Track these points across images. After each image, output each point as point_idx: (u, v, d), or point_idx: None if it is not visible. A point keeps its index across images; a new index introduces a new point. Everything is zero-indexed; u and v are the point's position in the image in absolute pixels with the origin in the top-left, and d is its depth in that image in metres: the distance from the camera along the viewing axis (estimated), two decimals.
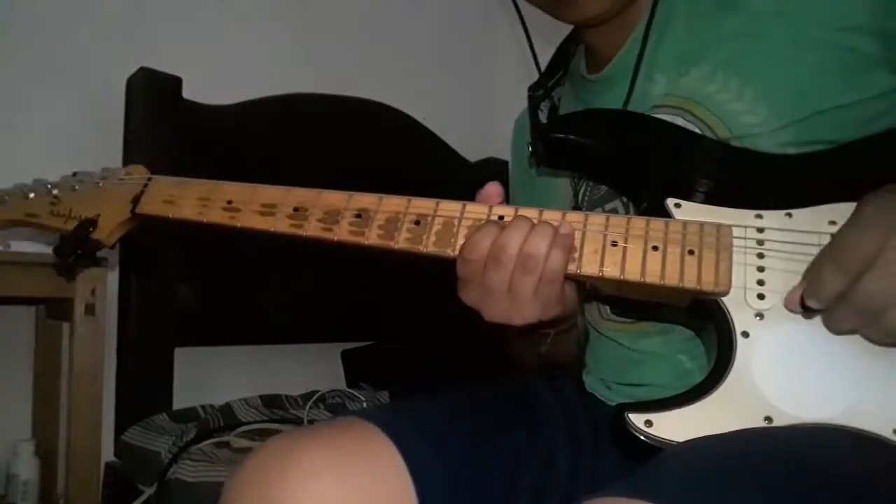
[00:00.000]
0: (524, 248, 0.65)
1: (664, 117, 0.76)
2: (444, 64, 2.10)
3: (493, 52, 2.19)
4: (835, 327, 0.61)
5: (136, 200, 0.80)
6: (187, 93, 1.57)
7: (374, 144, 1.82)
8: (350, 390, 1.56)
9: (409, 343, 1.72)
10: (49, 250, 1.35)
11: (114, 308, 1.49)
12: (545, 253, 0.64)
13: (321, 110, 1.78)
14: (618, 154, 0.74)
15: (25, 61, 1.51)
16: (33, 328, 1.52)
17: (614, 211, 0.82)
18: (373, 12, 1.98)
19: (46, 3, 1.55)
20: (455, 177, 1.93)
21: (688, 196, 0.69)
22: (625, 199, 0.81)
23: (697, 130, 0.75)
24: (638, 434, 0.61)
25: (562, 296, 0.68)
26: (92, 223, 0.79)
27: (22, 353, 1.51)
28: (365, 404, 1.48)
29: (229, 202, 0.76)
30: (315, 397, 1.48)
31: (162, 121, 1.52)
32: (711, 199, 0.69)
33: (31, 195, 0.83)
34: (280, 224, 0.73)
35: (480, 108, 2.10)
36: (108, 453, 1.42)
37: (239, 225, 0.74)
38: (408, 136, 1.90)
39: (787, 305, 0.63)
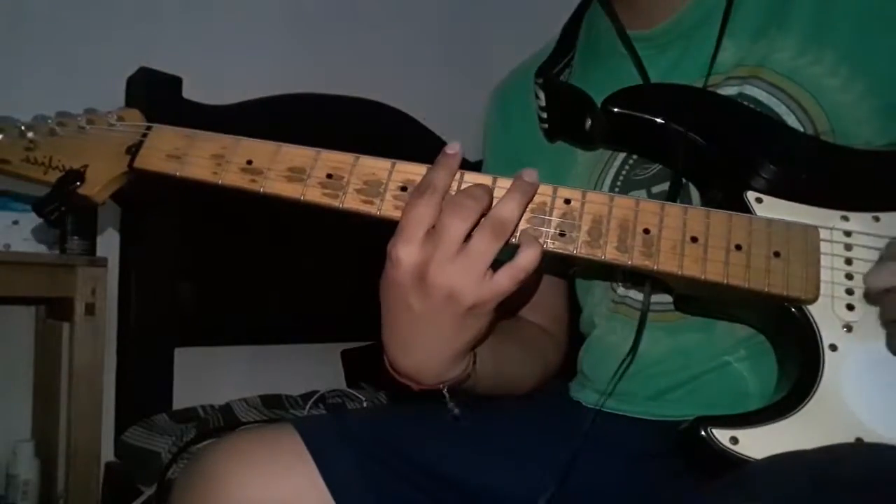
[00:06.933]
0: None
1: (731, 90, 0.70)
2: (444, 64, 2.09)
3: (493, 52, 2.19)
4: None
5: (132, 151, 0.68)
6: (187, 93, 1.57)
7: (374, 144, 1.79)
8: (350, 390, 1.55)
9: None
10: (51, 250, 1.36)
11: (114, 308, 1.49)
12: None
13: (321, 110, 1.78)
14: (702, 139, 0.66)
15: (25, 61, 1.51)
16: (33, 328, 1.52)
17: (664, 194, 0.74)
18: (373, 12, 1.98)
19: (46, 4, 1.55)
20: None
21: (770, 191, 0.63)
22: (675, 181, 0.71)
23: (782, 105, 0.69)
24: (723, 450, 0.56)
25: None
26: (78, 175, 0.67)
27: (22, 353, 1.51)
28: (365, 404, 1.48)
29: (249, 162, 0.64)
30: (315, 397, 1.48)
31: (162, 121, 1.51)
32: (796, 195, 0.63)
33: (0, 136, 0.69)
34: (311, 193, 0.63)
35: (480, 108, 2.09)
36: (108, 453, 1.42)
37: (262, 190, 0.63)
38: (408, 136, 1.89)
39: None
